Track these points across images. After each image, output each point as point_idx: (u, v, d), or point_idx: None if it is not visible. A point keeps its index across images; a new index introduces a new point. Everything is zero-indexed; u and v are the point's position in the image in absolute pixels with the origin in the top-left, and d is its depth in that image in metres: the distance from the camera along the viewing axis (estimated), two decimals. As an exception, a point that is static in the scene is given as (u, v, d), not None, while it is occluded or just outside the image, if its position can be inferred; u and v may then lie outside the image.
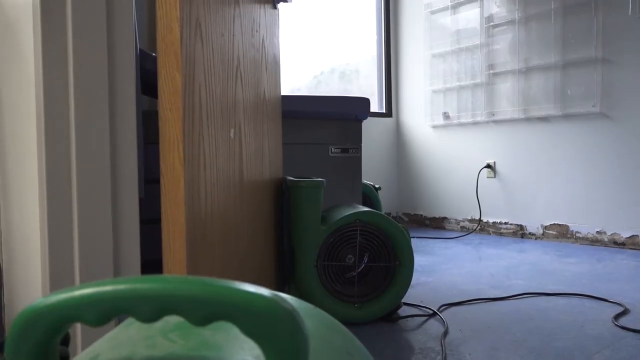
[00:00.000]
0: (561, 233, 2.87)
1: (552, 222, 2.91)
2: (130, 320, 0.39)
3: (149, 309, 0.27)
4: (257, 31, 1.33)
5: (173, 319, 0.36)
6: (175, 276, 0.28)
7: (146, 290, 0.27)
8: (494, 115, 3.16)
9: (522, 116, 3.02)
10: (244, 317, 0.26)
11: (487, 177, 3.22)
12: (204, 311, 0.26)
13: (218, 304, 0.26)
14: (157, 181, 1.46)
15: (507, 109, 3.10)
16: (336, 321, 0.44)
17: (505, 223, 3.13)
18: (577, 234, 2.81)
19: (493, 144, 3.19)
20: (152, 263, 1.42)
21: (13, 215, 0.94)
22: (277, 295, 0.27)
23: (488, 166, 3.20)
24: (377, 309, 1.42)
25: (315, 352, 0.35)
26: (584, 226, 2.78)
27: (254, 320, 0.26)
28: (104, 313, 0.27)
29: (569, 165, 2.84)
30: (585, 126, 2.77)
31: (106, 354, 0.31)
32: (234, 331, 0.34)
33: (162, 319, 0.37)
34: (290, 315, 0.27)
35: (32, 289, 0.88)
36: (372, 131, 3.64)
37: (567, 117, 2.84)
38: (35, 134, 0.85)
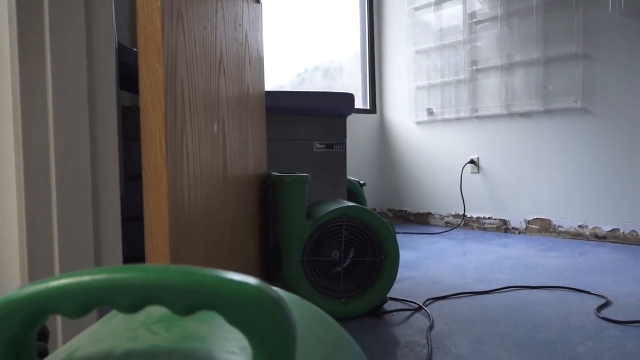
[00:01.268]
0: (544, 227, 2.90)
1: (535, 217, 2.94)
2: (112, 313, 0.38)
3: (130, 300, 0.26)
4: (240, 25, 1.31)
5: (156, 311, 0.35)
6: (156, 265, 0.27)
7: (126, 280, 0.26)
8: (477, 111, 3.18)
9: (505, 112, 3.04)
10: (229, 306, 0.25)
11: (471, 173, 3.24)
12: (187, 301, 0.25)
13: (202, 293, 0.25)
14: (136, 178, 1.44)
15: (490, 104, 3.12)
16: (324, 313, 0.43)
17: (489, 218, 3.15)
18: (560, 228, 2.84)
19: (476, 139, 3.21)
20: (133, 260, 1.40)
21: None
22: (263, 284, 0.26)
23: (471, 162, 3.22)
24: (363, 304, 1.42)
25: (303, 344, 0.34)
26: (566, 220, 2.81)
27: (240, 310, 0.25)
28: (82, 304, 0.26)
29: (551, 160, 2.87)
30: (567, 121, 2.80)
31: (86, 348, 0.30)
32: (219, 322, 0.33)
33: (145, 311, 0.36)
34: (277, 304, 0.26)
35: (10, 289, 0.86)
36: (357, 127, 3.64)
37: (548, 112, 2.87)
38: (12, 131, 0.83)
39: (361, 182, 2.65)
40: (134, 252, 1.42)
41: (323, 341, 0.37)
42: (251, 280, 0.26)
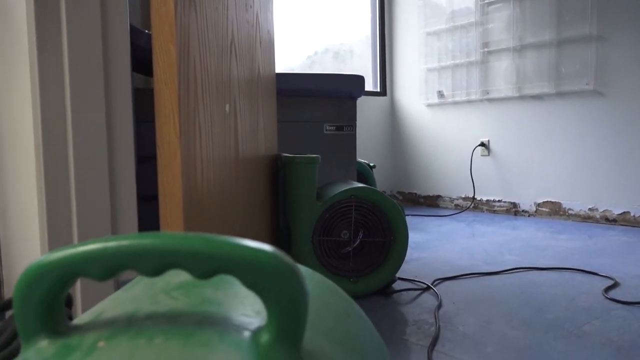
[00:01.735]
0: (554, 210, 2.90)
1: (545, 200, 2.94)
2: (133, 282, 0.40)
3: (153, 264, 0.27)
4: (251, 7, 1.32)
5: (175, 279, 0.37)
6: (178, 233, 0.28)
7: (150, 246, 0.27)
8: (488, 93, 3.16)
9: (516, 94, 3.02)
10: (246, 271, 0.27)
11: (481, 156, 3.23)
12: (207, 265, 0.27)
13: (221, 258, 0.27)
14: (146, 159, 1.46)
15: (501, 87, 3.10)
16: (334, 284, 0.45)
17: (499, 201, 3.15)
18: (570, 211, 2.83)
19: (487, 122, 3.20)
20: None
21: (8, 189, 0.94)
22: (278, 251, 0.28)
23: (482, 144, 3.21)
24: (372, 283, 1.44)
25: (314, 312, 0.36)
26: (577, 203, 2.81)
27: (256, 274, 0.27)
28: (108, 268, 0.28)
29: (562, 143, 2.86)
30: (579, 104, 2.78)
31: (110, 311, 0.32)
32: (234, 289, 0.35)
33: (164, 279, 0.38)
34: (291, 269, 0.28)
35: (30, 261, 0.89)
36: (367, 110, 3.64)
37: (560, 95, 2.85)
38: (31, 111, 0.85)
39: (371, 164, 2.66)
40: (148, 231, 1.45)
41: (332, 309, 0.39)
42: (267, 247, 0.28)
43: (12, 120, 0.91)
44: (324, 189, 1.55)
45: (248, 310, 0.32)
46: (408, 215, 3.12)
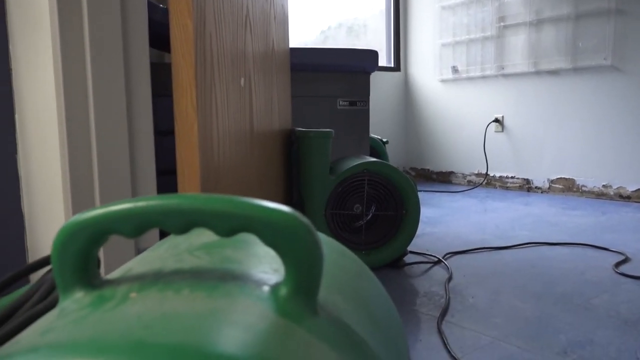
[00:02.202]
0: (567, 187, 2.89)
1: (559, 176, 2.93)
2: (156, 245, 0.42)
3: (180, 222, 0.30)
4: (265, -20, 1.32)
5: (197, 241, 0.40)
6: (202, 194, 0.30)
7: (177, 205, 0.29)
8: (503, 69, 3.13)
9: (532, 70, 2.99)
10: (266, 229, 0.29)
11: (495, 132, 3.22)
12: (230, 223, 0.29)
13: (243, 217, 0.29)
14: (161, 133, 1.48)
15: (516, 62, 3.06)
16: (346, 249, 0.47)
17: (512, 177, 3.15)
18: (583, 188, 2.83)
19: (502, 98, 3.17)
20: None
21: (32, 162, 0.97)
22: (296, 212, 0.30)
23: (496, 120, 3.19)
24: (384, 256, 1.47)
25: (328, 272, 0.38)
26: (590, 180, 2.80)
27: (275, 232, 0.29)
28: (139, 226, 0.30)
29: (578, 119, 2.83)
30: (596, 79, 2.75)
31: (138, 268, 0.35)
32: (253, 249, 0.37)
33: (187, 240, 0.40)
34: (308, 228, 0.30)
35: (55, 234, 0.92)
36: (381, 85, 3.62)
37: (577, 70, 2.81)
38: (53, 84, 0.87)
39: (384, 140, 2.66)
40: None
41: (345, 270, 0.41)
42: (285, 207, 0.30)
43: (35, 93, 0.93)
44: (337, 163, 1.57)
45: (266, 269, 0.34)
46: (420, 191, 3.13)
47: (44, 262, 0.38)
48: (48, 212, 0.94)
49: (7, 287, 0.36)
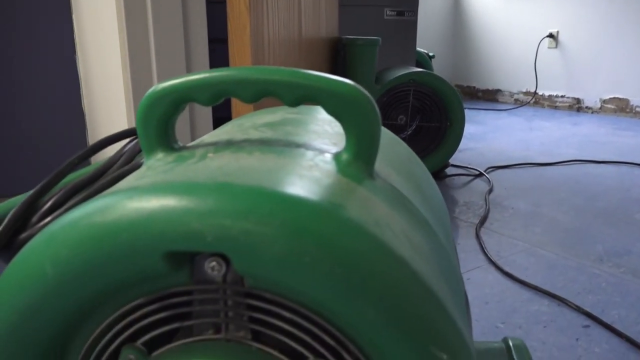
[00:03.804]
0: (620, 107, 2.79)
1: (612, 96, 2.81)
2: (222, 126, 0.45)
3: (252, 91, 0.32)
4: None
5: (260, 120, 0.43)
6: (271, 67, 0.33)
7: (249, 75, 0.32)
8: (563, -21, 2.94)
9: (595, -20, 2.79)
10: (330, 99, 0.32)
11: (548, 48, 3.08)
12: (297, 92, 0.32)
13: (309, 87, 0.32)
14: (216, 41, 1.49)
15: (578, -28, 2.86)
16: (397, 137, 0.49)
17: (562, 96, 3.04)
18: (637, 109, 2.72)
19: (558, 11, 3.00)
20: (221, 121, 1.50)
21: (91, 65, 1.01)
22: (358, 85, 0.32)
23: (550, 35, 3.04)
24: (426, 167, 1.49)
25: (382, 150, 0.41)
26: (646, 100, 2.68)
27: (338, 102, 0.32)
28: (214, 94, 0.33)
29: (638, 35, 2.67)
30: (664, -9, 2.55)
31: (209, 140, 0.38)
32: (312, 127, 0.40)
33: (250, 120, 0.43)
34: (369, 100, 0.32)
35: (115, 130, 0.98)
36: (429, -3, 3.47)
37: (644, -19, 2.61)
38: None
39: (430, 54, 2.60)
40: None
41: (398, 154, 0.43)
42: (348, 80, 0.32)
43: (93, 3, 0.96)
44: (382, 73, 1.56)
45: (326, 142, 0.37)
46: (465, 108, 3.08)
47: (127, 133, 0.42)
48: (108, 111, 0.99)
49: (97, 152, 0.40)
